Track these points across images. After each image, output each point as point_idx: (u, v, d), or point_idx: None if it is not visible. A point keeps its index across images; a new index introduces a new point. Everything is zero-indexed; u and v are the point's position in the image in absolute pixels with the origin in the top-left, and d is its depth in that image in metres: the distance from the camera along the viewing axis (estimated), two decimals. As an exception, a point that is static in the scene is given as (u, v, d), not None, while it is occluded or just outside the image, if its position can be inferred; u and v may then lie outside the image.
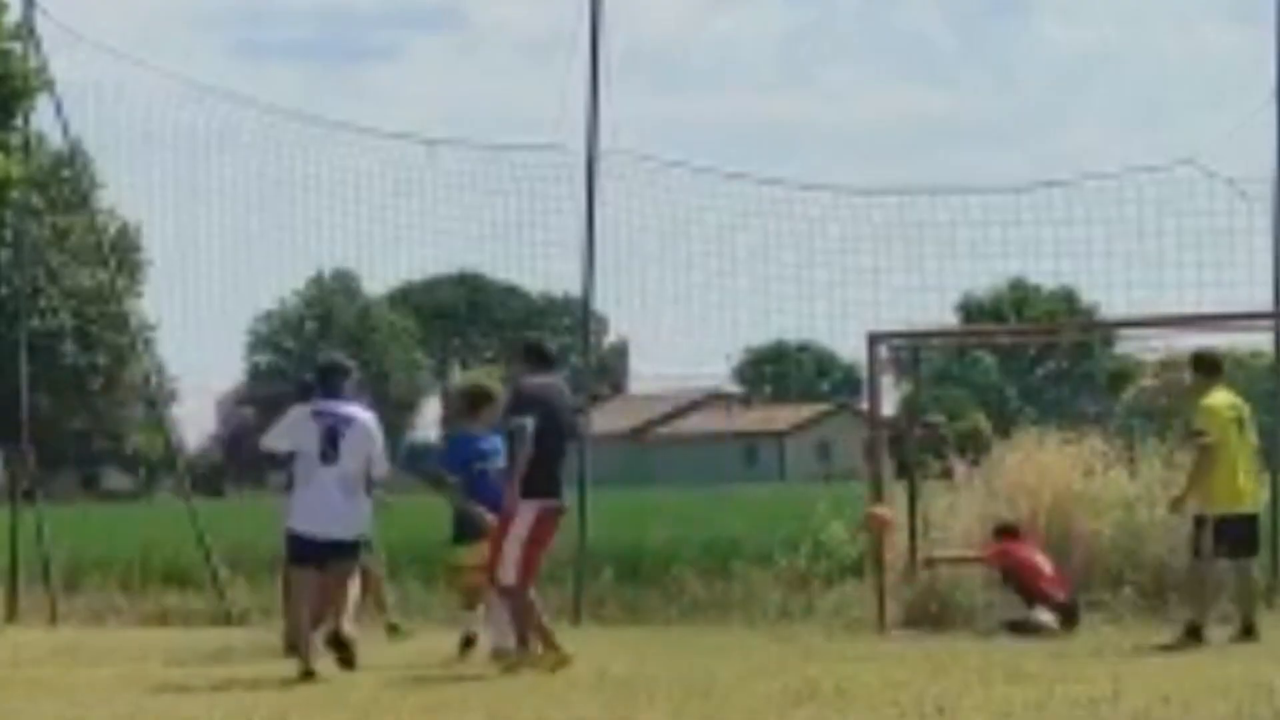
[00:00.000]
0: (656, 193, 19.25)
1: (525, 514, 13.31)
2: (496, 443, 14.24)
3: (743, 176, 19.56)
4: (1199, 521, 14.93)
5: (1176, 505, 15.31)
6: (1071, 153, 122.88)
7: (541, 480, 13.37)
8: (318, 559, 13.50)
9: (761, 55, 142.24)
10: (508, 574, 13.31)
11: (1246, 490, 15.02)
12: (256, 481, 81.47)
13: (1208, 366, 15.39)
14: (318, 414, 13.57)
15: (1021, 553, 16.34)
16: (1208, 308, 17.60)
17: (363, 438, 13.48)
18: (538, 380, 13.73)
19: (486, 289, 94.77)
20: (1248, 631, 14.66)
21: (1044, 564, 16.25)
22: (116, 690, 12.77)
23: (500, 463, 14.00)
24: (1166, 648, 14.24)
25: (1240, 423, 15.06)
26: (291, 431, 13.79)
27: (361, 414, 13.64)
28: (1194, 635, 14.47)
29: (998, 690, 11.34)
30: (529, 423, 13.28)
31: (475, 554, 14.22)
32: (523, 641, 13.30)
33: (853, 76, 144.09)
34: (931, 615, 16.32)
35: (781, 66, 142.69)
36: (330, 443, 13.35)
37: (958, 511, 17.86)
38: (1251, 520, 15.08)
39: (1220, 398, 15.16)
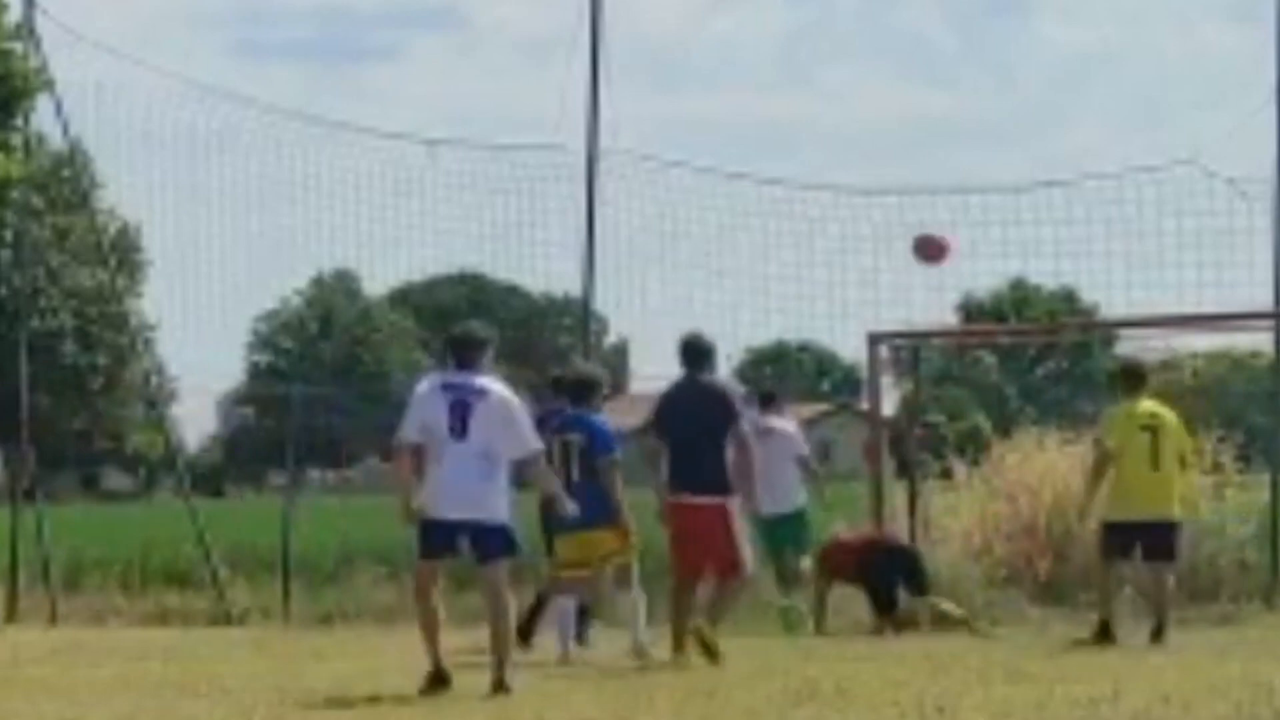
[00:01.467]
0: (656, 193, 19.29)
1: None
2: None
3: (743, 177, 19.59)
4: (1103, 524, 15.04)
5: (1082, 513, 15.34)
6: (1071, 153, 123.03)
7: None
8: (450, 547, 12.19)
9: (761, 55, 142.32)
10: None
11: (1143, 498, 14.95)
12: (257, 481, 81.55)
13: (1127, 378, 15.32)
14: (447, 387, 12.14)
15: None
16: (1208, 308, 17.62)
17: (495, 411, 12.01)
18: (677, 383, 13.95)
19: (487, 289, 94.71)
20: (1158, 634, 14.71)
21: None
22: (116, 690, 12.76)
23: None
24: (1081, 642, 14.55)
25: (1154, 431, 14.96)
26: (419, 412, 12.17)
27: (498, 387, 12.21)
28: (1104, 634, 14.69)
29: (998, 690, 11.33)
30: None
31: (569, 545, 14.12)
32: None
33: (852, 76, 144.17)
34: (932, 615, 16.31)
35: (781, 66, 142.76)
36: (460, 418, 11.94)
37: (958, 511, 17.88)
38: (1155, 527, 14.96)
39: (1134, 407, 15.04)
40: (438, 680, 11.91)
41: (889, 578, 16.04)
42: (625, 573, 14.14)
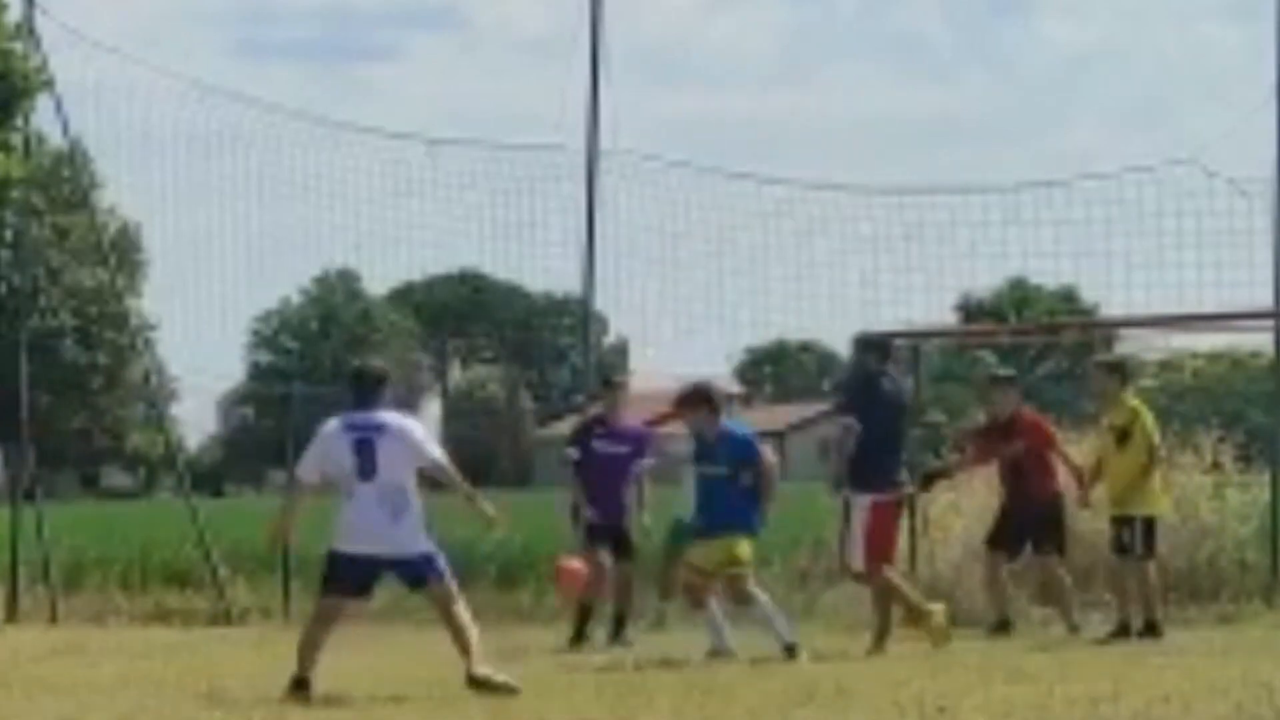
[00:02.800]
0: (657, 192, 19.29)
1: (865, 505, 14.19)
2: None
3: (744, 177, 19.59)
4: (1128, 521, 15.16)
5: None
6: (1072, 151, 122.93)
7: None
8: (365, 585, 12.48)
9: (762, 54, 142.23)
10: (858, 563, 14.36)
11: (1113, 495, 15.34)
12: (257, 481, 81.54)
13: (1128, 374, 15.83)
14: (349, 427, 12.25)
15: None
16: (1208, 307, 17.62)
17: (397, 442, 12.11)
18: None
19: (487, 288, 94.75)
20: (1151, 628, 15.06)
21: None
22: (117, 689, 12.76)
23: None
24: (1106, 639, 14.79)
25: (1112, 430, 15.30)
26: (320, 454, 12.37)
27: (394, 419, 12.28)
28: (1149, 630, 14.93)
29: (998, 690, 11.33)
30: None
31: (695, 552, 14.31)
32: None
33: (853, 75, 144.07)
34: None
35: (782, 65, 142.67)
36: (368, 458, 12.03)
37: (958, 510, 17.88)
38: (1129, 521, 15.20)
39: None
40: (300, 686, 12.02)
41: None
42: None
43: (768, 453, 14.17)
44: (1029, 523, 15.81)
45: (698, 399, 14.17)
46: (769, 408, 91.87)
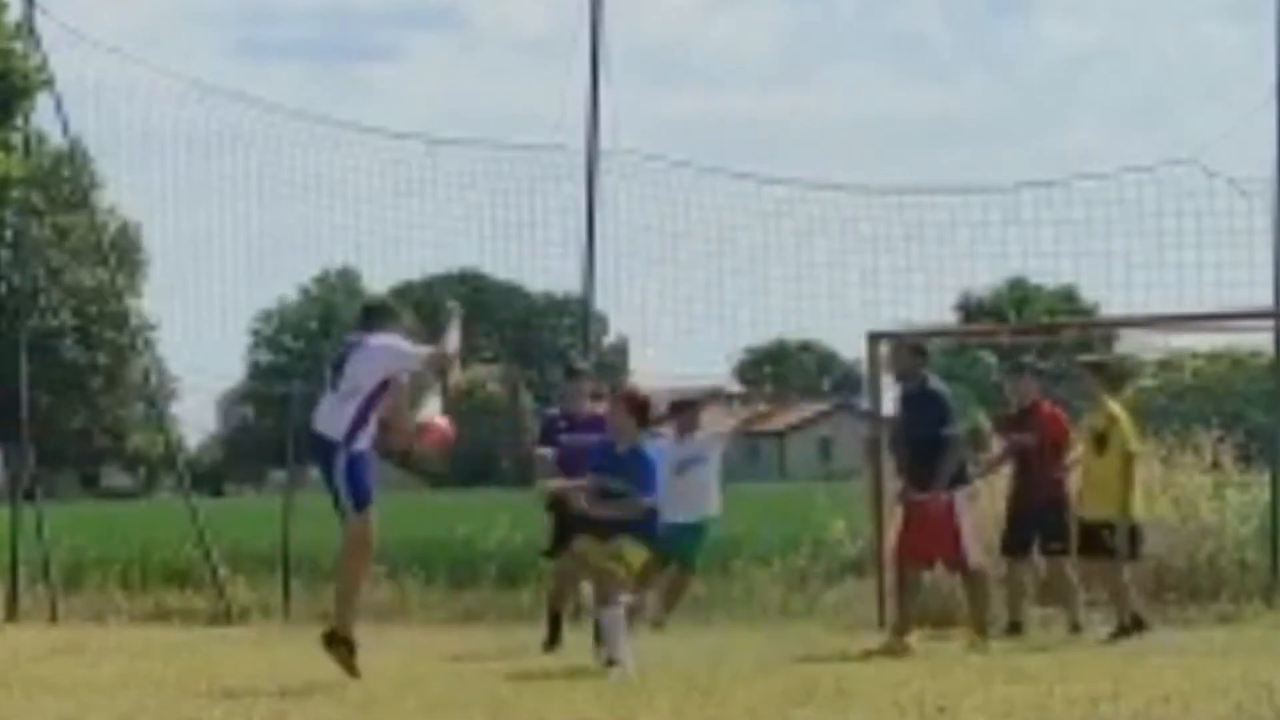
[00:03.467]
0: (657, 192, 19.28)
1: (963, 503, 14.72)
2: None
3: (744, 177, 19.58)
4: (1108, 526, 15.15)
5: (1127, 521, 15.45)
6: (1071, 151, 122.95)
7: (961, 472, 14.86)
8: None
9: (762, 54, 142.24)
10: (978, 557, 14.80)
11: (1087, 499, 15.41)
12: (257, 480, 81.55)
13: (1117, 377, 15.89)
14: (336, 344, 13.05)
15: None
16: (1208, 307, 17.61)
17: (365, 355, 12.68)
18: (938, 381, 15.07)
19: (487, 288, 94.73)
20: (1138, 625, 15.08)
21: None
22: (117, 689, 12.76)
23: None
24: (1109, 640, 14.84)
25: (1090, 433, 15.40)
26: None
27: (376, 339, 12.83)
28: (1136, 627, 14.98)
29: (998, 690, 11.33)
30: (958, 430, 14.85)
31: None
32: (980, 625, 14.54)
33: (853, 75, 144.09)
34: (932, 615, 16.31)
35: (782, 65, 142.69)
36: (336, 369, 12.78)
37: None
38: (1108, 525, 15.20)
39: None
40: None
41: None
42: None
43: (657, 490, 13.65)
44: (1033, 517, 15.80)
45: (633, 407, 13.80)
46: (769, 409, 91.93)
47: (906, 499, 14.86)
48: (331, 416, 12.77)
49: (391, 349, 12.80)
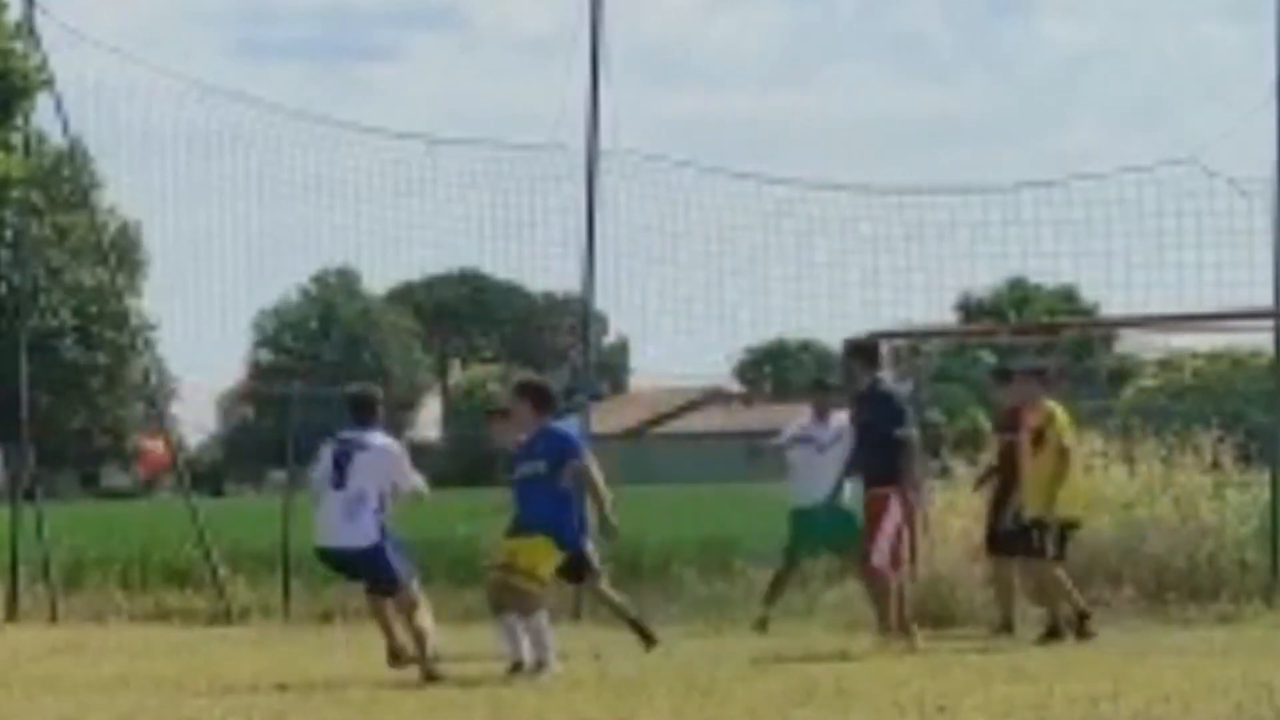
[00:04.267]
0: (657, 192, 19.27)
1: (896, 503, 14.48)
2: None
3: (745, 177, 19.58)
4: (1039, 524, 15.15)
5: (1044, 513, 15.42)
6: (1071, 151, 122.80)
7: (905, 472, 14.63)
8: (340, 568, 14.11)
9: (762, 54, 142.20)
10: (882, 559, 14.51)
11: (1078, 496, 15.46)
12: (257, 480, 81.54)
13: (1050, 377, 15.93)
14: (336, 440, 13.69)
15: None
16: (1208, 307, 17.62)
17: (371, 459, 13.42)
18: (890, 381, 15.11)
19: (487, 287, 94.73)
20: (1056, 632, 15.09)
21: None
22: (117, 688, 12.77)
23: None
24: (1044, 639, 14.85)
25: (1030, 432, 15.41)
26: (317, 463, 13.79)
27: (378, 440, 13.60)
28: (1082, 625, 14.98)
29: (998, 689, 11.34)
30: (914, 432, 14.68)
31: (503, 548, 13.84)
32: (902, 627, 14.42)
33: (853, 75, 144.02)
34: (932, 614, 16.31)
35: (782, 65, 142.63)
36: (338, 468, 13.44)
37: (957, 510, 17.87)
38: (1041, 524, 15.22)
39: (1062, 407, 15.49)
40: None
41: None
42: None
43: (587, 455, 13.65)
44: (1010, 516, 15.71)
45: (525, 394, 13.73)
46: (769, 406, 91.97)
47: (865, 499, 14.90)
48: (349, 527, 13.35)
49: (396, 461, 13.57)
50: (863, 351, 15.21)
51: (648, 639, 14.59)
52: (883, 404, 14.78)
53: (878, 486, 14.61)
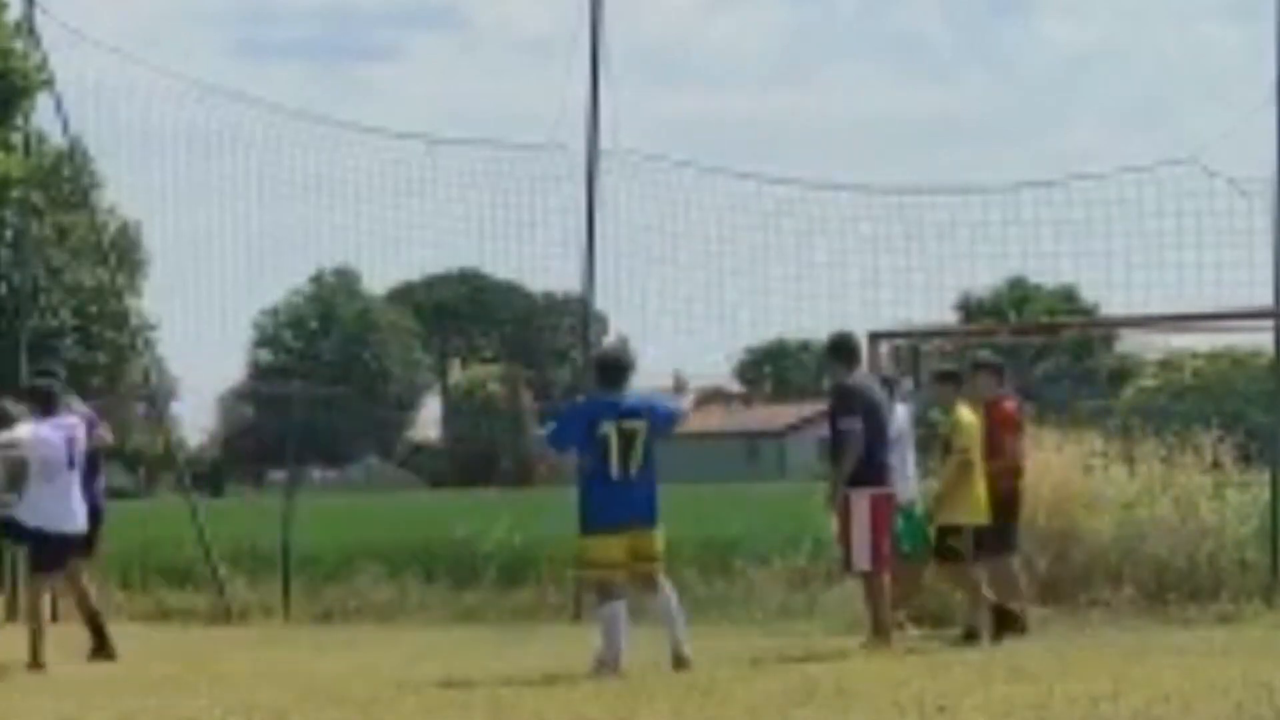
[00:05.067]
0: (657, 191, 19.27)
1: (860, 502, 14.31)
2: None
3: (745, 177, 19.58)
4: (951, 529, 15.15)
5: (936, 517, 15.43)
6: (1072, 151, 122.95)
7: (869, 471, 14.35)
8: None
9: (762, 54, 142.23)
10: (861, 560, 14.35)
11: (983, 500, 15.30)
12: (257, 480, 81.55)
13: (957, 380, 15.72)
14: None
15: None
16: (1208, 307, 17.62)
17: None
18: (859, 377, 14.80)
19: (487, 287, 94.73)
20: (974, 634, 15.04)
21: None
22: (117, 687, 12.77)
23: None
24: (956, 643, 14.85)
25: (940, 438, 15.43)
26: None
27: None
28: (1006, 627, 15.01)
29: (998, 689, 11.33)
30: (858, 425, 14.31)
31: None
32: (883, 628, 14.28)
33: (853, 75, 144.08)
34: (932, 614, 16.31)
35: (782, 65, 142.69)
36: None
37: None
38: (955, 529, 15.21)
39: (968, 410, 15.38)
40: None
41: None
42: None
43: None
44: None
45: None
46: (769, 406, 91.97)
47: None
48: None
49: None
50: (837, 349, 15.03)
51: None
52: (837, 399, 14.71)
53: (844, 486, 14.50)
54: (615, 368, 13.45)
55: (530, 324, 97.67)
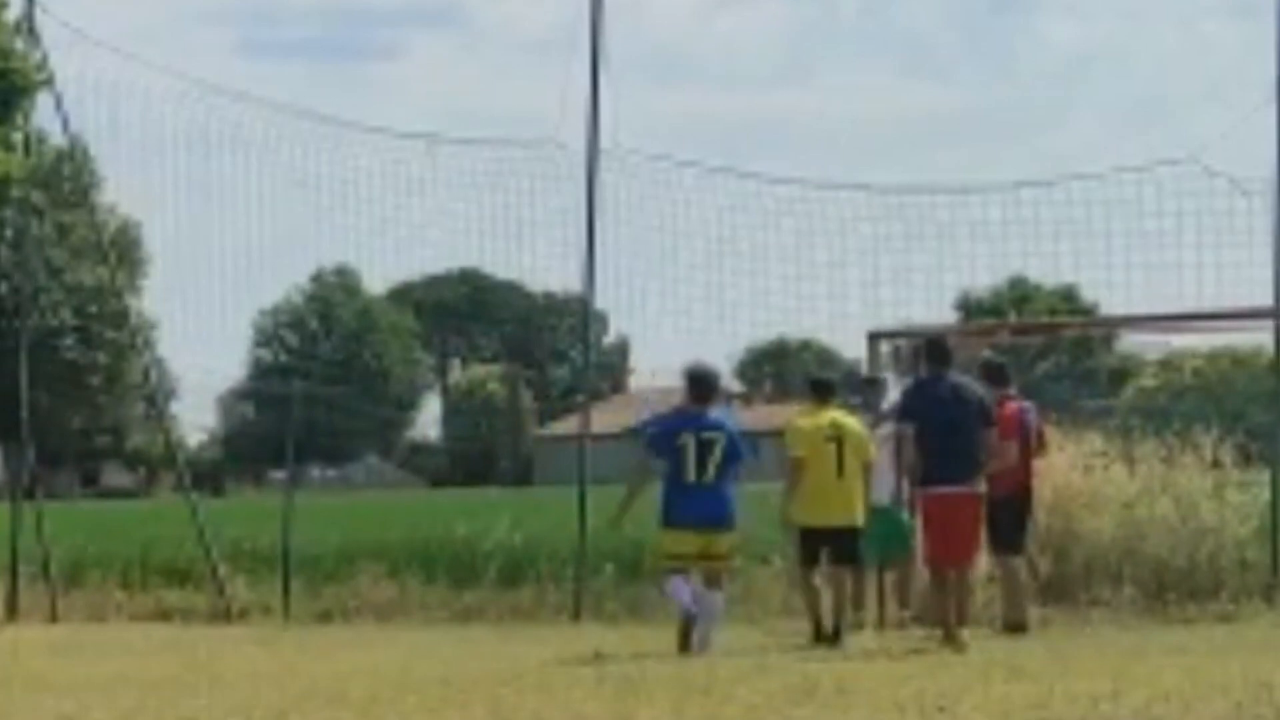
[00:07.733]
0: (658, 191, 19.27)
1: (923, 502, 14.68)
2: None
3: (745, 177, 19.57)
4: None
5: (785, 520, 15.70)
6: (1071, 151, 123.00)
7: (933, 469, 14.48)
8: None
9: (763, 54, 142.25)
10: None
11: (831, 505, 15.44)
12: (257, 480, 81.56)
13: (815, 389, 15.91)
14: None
15: None
16: (1208, 307, 17.62)
17: None
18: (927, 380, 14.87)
19: (487, 287, 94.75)
20: (836, 635, 15.14)
21: None
22: (117, 687, 12.76)
23: None
24: (801, 646, 14.90)
25: (838, 441, 15.44)
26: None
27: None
28: (819, 637, 15.12)
29: (998, 688, 11.33)
30: (909, 429, 14.57)
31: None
32: (947, 625, 14.33)
33: (854, 74, 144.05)
34: (929, 613, 16.30)
35: (783, 65, 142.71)
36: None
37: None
38: (841, 533, 15.38)
39: (819, 417, 15.55)
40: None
41: None
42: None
43: None
44: (993, 513, 15.68)
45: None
46: (769, 406, 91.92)
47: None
48: None
49: None
50: (927, 350, 15.11)
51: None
52: (900, 400, 15.19)
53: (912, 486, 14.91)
54: (704, 384, 14.85)
55: (530, 324, 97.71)
